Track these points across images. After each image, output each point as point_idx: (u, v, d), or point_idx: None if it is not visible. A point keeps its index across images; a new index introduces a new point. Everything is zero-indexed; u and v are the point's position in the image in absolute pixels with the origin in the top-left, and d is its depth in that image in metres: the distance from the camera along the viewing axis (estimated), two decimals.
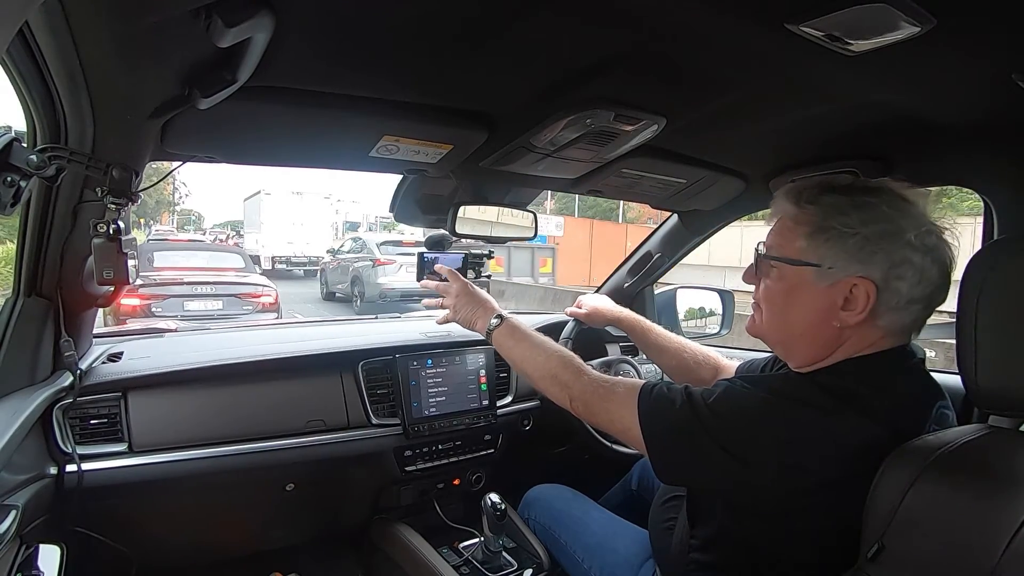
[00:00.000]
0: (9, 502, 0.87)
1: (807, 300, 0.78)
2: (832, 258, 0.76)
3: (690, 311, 1.85)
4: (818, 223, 0.77)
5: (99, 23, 0.60)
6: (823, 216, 0.77)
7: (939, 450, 0.68)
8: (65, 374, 1.06)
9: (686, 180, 1.34)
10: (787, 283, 0.80)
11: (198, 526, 1.36)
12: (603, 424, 0.91)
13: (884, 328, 0.77)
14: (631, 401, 0.84)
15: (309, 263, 16.07)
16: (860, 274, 0.74)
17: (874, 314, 0.75)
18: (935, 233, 0.76)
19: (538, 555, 1.32)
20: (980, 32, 0.66)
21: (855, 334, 0.77)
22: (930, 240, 0.75)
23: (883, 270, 0.74)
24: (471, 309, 1.14)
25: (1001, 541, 0.58)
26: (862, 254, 0.74)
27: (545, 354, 1.01)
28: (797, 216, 0.80)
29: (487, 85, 0.90)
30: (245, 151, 1.07)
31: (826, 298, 0.77)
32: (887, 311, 0.75)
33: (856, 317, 0.75)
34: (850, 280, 0.75)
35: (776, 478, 0.73)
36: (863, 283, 0.74)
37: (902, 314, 0.76)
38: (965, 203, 8.66)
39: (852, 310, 0.75)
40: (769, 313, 0.84)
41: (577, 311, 1.46)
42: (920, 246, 0.74)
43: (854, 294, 0.75)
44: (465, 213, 1.32)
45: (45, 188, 0.88)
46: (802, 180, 0.85)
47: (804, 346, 0.81)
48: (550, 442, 1.67)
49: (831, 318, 0.77)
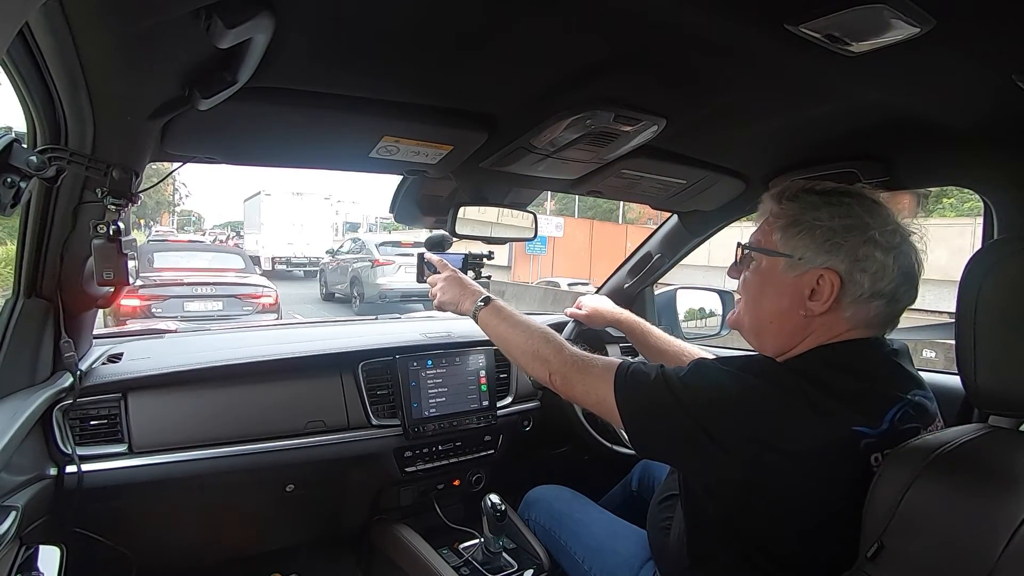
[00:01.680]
0: (9, 503, 0.87)
1: (778, 289, 0.83)
2: (802, 249, 0.80)
3: (690, 312, 1.84)
4: (794, 217, 0.82)
5: (99, 24, 0.60)
6: (799, 211, 0.82)
7: (938, 450, 0.68)
8: (65, 375, 1.06)
9: (686, 181, 1.34)
10: (762, 274, 0.86)
11: (198, 527, 1.36)
12: (579, 396, 0.95)
13: (848, 320, 0.80)
14: (608, 376, 0.88)
15: (309, 264, 16.06)
16: (826, 265, 0.79)
17: (838, 305, 0.79)
18: (900, 234, 0.80)
19: (538, 556, 1.32)
20: (980, 33, 0.66)
21: (821, 324, 0.81)
22: (894, 239, 0.79)
23: (847, 263, 0.78)
24: (458, 292, 1.17)
25: (1000, 540, 0.58)
26: (828, 246, 0.79)
27: (528, 332, 1.03)
28: (776, 212, 0.85)
29: (487, 86, 0.91)
30: (245, 152, 1.07)
31: (795, 288, 0.81)
32: (851, 303, 0.79)
33: (821, 307, 0.80)
34: (817, 271, 0.79)
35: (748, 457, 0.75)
36: (828, 274, 0.79)
37: (866, 307, 0.79)
38: (966, 204, 8.67)
39: (818, 300, 0.80)
40: (746, 302, 0.89)
41: (577, 312, 1.46)
42: (884, 243, 0.78)
43: (820, 285, 0.79)
44: (465, 214, 1.32)
45: (45, 189, 0.88)
46: (789, 182, 0.89)
47: (774, 334, 0.85)
48: (550, 443, 1.67)
49: (799, 307, 0.81)
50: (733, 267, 0.92)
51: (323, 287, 11.93)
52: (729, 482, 0.78)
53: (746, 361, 0.85)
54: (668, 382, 0.82)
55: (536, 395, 1.59)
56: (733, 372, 0.80)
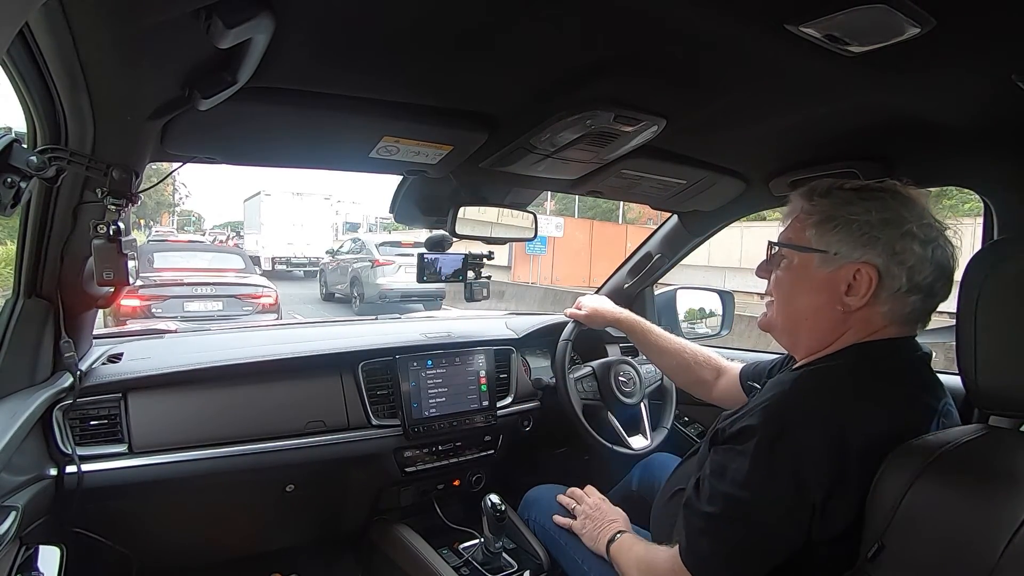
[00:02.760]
0: (9, 503, 0.87)
1: (813, 285, 0.82)
2: (837, 244, 0.79)
3: (690, 312, 1.85)
4: (827, 213, 0.81)
5: (99, 24, 0.60)
6: (833, 207, 0.81)
7: (939, 450, 0.68)
8: (65, 375, 1.06)
9: (686, 181, 1.34)
10: (794, 271, 0.84)
11: (198, 527, 1.36)
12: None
13: (885, 315, 0.79)
14: None
15: (309, 264, 16.05)
16: (863, 259, 0.78)
17: (876, 299, 0.78)
18: (936, 228, 0.79)
19: (538, 556, 1.32)
20: (980, 33, 0.66)
21: (859, 320, 0.80)
22: (931, 233, 0.78)
23: (885, 256, 0.77)
24: (599, 524, 1.12)
25: (1001, 540, 0.58)
26: (865, 239, 0.78)
27: None
28: (808, 209, 0.84)
29: (487, 86, 0.90)
30: (245, 152, 1.07)
31: (831, 283, 0.80)
32: (888, 297, 0.78)
33: (859, 301, 0.78)
34: (854, 265, 0.78)
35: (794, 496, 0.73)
36: (866, 268, 0.77)
37: (903, 302, 0.78)
38: (966, 204, 8.66)
39: (855, 294, 0.78)
40: (778, 301, 0.88)
41: (576, 312, 1.46)
42: (921, 236, 0.77)
43: (857, 279, 0.78)
44: (465, 214, 1.32)
45: (45, 189, 0.88)
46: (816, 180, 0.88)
47: (809, 332, 0.84)
48: (550, 443, 1.67)
49: (835, 302, 0.80)
50: (762, 267, 0.91)
51: (323, 287, 11.92)
52: None
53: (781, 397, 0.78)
54: None
55: (536, 395, 1.59)
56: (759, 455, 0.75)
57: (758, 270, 0.92)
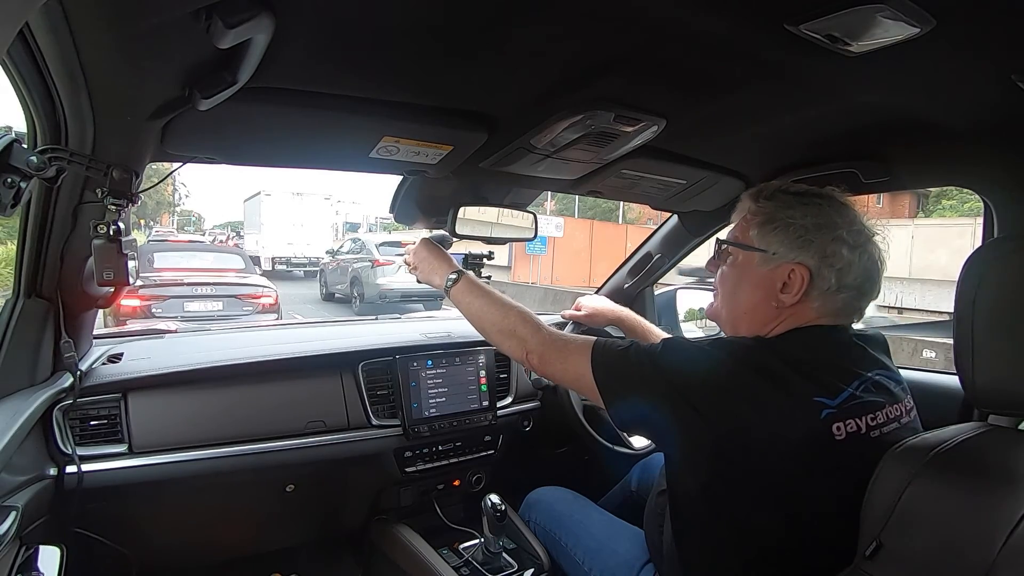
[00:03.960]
0: (9, 503, 0.87)
1: (753, 281, 0.89)
2: (776, 245, 0.86)
3: (690, 311, 1.85)
4: (770, 215, 0.88)
5: (99, 24, 0.60)
6: (774, 210, 0.88)
7: (937, 448, 0.69)
8: (65, 375, 1.06)
9: (686, 181, 1.35)
10: (738, 268, 0.91)
11: (198, 527, 1.36)
12: (557, 374, 0.98)
13: (816, 310, 0.86)
14: (585, 351, 0.91)
15: (309, 264, 16.05)
16: (797, 260, 0.85)
17: (807, 296, 0.85)
18: (865, 233, 0.86)
19: (538, 556, 1.32)
20: (980, 33, 0.66)
21: (791, 313, 0.87)
22: (859, 238, 0.85)
23: (816, 258, 0.84)
24: (430, 264, 1.17)
25: (998, 538, 0.58)
26: (800, 242, 0.85)
27: (503, 309, 1.04)
28: (753, 210, 0.90)
29: (487, 86, 0.90)
30: (245, 152, 1.07)
31: (768, 280, 0.87)
32: (819, 295, 0.85)
33: (792, 299, 0.85)
34: (789, 265, 0.85)
35: (721, 429, 0.78)
36: (799, 268, 0.85)
37: (833, 299, 0.85)
38: (966, 204, 8.66)
39: (789, 292, 0.85)
40: (722, 294, 0.94)
41: (576, 313, 1.46)
42: (850, 242, 0.84)
43: (791, 278, 0.85)
44: (465, 214, 1.32)
45: (45, 189, 0.88)
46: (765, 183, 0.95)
47: (748, 323, 0.90)
48: (550, 443, 1.67)
49: (771, 298, 0.87)
50: (711, 261, 0.97)
51: (323, 287, 11.92)
52: (704, 448, 0.81)
53: (715, 340, 0.89)
54: (645, 354, 0.87)
55: (536, 395, 1.59)
56: (705, 349, 0.85)
57: (707, 264, 0.98)
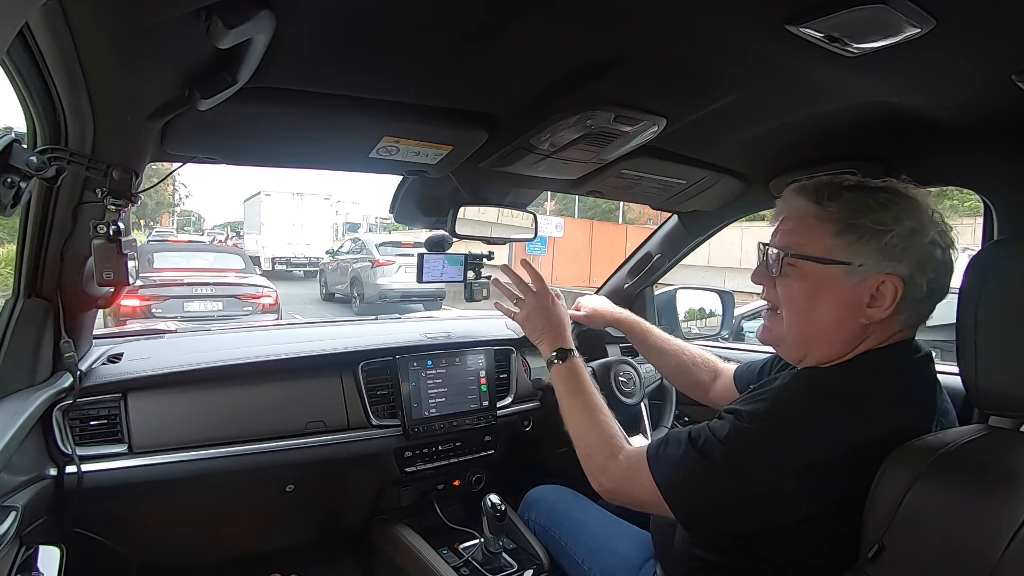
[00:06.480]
0: (9, 503, 0.87)
1: (834, 297, 0.78)
2: (864, 256, 0.76)
3: (690, 312, 1.85)
4: (846, 221, 0.77)
5: (99, 24, 0.60)
6: (850, 214, 0.77)
7: (939, 450, 0.68)
8: (65, 375, 1.06)
9: (686, 181, 1.34)
10: (811, 282, 0.79)
11: (198, 527, 1.36)
12: (626, 503, 0.90)
13: (903, 322, 0.78)
14: (644, 470, 0.82)
15: (309, 264, 16.04)
16: (890, 271, 0.75)
17: (898, 309, 0.76)
18: (947, 232, 0.78)
19: (538, 556, 1.32)
20: (980, 32, 0.66)
21: (878, 329, 0.78)
22: (946, 239, 0.77)
23: (911, 267, 0.75)
24: (542, 326, 1.10)
25: (1001, 541, 0.58)
26: (895, 251, 0.75)
27: (589, 423, 0.98)
28: (819, 214, 0.79)
29: (487, 86, 0.90)
30: (245, 152, 1.07)
31: (854, 295, 0.77)
32: (908, 305, 0.76)
33: (882, 313, 0.76)
34: (879, 276, 0.76)
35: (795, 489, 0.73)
36: (891, 279, 0.75)
37: (921, 307, 0.78)
38: (966, 203, 8.65)
39: (879, 306, 0.76)
40: (791, 313, 0.82)
41: (576, 313, 1.45)
42: (941, 243, 0.77)
43: (881, 290, 0.76)
44: (465, 214, 1.32)
45: (45, 189, 0.88)
46: (807, 179, 0.85)
47: (826, 344, 0.80)
48: (550, 443, 1.66)
49: (857, 314, 0.77)
50: (763, 276, 0.86)
51: (323, 287, 11.92)
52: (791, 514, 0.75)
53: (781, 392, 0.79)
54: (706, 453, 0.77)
55: (536, 395, 1.59)
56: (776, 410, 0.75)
57: (755, 275, 0.87)
